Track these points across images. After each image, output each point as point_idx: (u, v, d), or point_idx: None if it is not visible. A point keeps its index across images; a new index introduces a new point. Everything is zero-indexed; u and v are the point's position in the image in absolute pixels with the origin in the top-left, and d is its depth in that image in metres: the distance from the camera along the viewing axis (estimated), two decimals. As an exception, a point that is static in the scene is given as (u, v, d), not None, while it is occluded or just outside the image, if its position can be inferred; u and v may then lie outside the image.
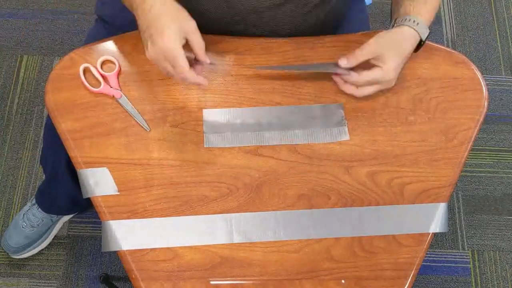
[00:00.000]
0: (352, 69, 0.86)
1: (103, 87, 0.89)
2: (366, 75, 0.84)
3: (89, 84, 0.89)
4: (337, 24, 1.06)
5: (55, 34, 1.77)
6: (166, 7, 0.79)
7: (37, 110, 1.66)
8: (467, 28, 1.87)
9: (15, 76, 1.70)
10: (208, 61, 0.83)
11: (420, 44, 0.88)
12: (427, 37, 0.87)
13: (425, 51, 0.95)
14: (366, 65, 0.86)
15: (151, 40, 0.79)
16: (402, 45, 0.85)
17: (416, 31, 0.85)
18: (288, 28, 0.95)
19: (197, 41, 0.81)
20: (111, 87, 0.89)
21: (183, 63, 0.79)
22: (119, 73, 0.91)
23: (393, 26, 0.89)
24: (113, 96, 0.89)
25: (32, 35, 1.77)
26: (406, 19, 0.86)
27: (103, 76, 0.90)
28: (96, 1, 1.14)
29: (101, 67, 0.91)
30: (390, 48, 0.84)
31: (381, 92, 0.92)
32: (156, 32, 0.78)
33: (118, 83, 0.90)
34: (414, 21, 0.85)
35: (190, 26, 0.80)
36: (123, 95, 0.89)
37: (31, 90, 1.68)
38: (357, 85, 0.87)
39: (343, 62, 0.85)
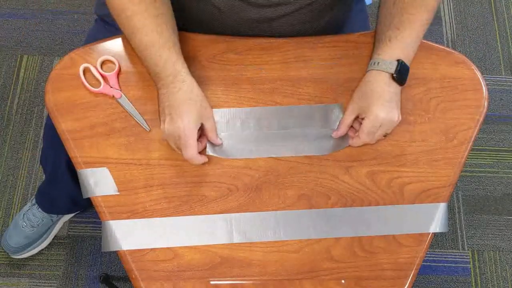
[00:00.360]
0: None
1: (103, 87, 0.89)
2: (361, 131, 0.86)
3: (89, 84, 0.89)
4: (337, 28, 1.06)
5: (55, 34, 1.77)
6: (192, 95, 0.84)
7: (37, 110, 1.66)
8: (467, 28, 1.87)
9: (15, 76, 1.70)
10: (220, 142, 0.88)
11: (398, 77, 0.87)
12: (399, 67, 0.86)
13: (425, 51, 0.95)
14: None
15: (170, 118, 0.83)
16: (374, 89, 0.86)
17: (380, 70, 0.87)
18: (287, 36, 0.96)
19: (211, 126, 0.87)
20: (111, 87, 0.89)
21: (193, 150, 0.83)
22: (119, 73, 0.91)
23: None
24: (113, 96, 0.89)
25: (32, 35, 1.77)
26: (370, 63, 0.89)
27: (103, 76, 0.90)
28: (96, 1, 1.14)
29: (101, 67, 0.91)
30: (366, 98, 0.86)
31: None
32: (176, 114, 0.82)
33: (118, 83, 0.90)
34: (375, 63, 0.88)
35: (208, 113, 0.86)
36: (123, 95, 0.89)
37: (31, 90, 1.68)
38: (364, 142, 0.88)
39: (337, 134, 0.89)
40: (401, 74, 0.86)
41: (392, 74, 0.86)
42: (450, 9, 1.90)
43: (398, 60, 0.86)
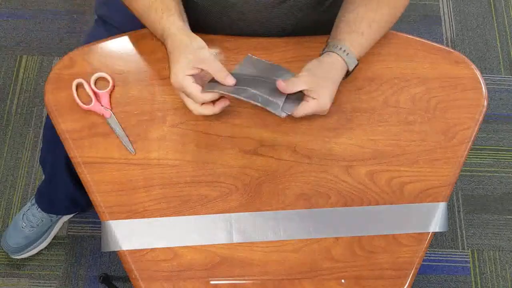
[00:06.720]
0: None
1: (93, 105, 0.88)
2: (304, 109, 0.84)
3: (80, 100, 0.88)
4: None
5: (55, 34, 1.77)
6: (176, 42, 0.81)
7: (36, 110, 1.66)
8: (467, 27, 1.87)
9: (14, 76, 1.70)
10: (232, 82, 0.81)
11: (347, 74, 0.88)
12: (354, 68, 0.87)
13: (424, 50, 0.95)
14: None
15: (170, 71, 0.81)
16: (332, 76, 0.85)
17: (344, 61, 0.86)
18: (282, 28, 0.96)
19: (213, 67, 0.80)
20: (101, 105, 0.88)
21: (193, 89, 0.80)
22: (112, 90, 0.90)
23: (324, 49, 0.89)
24: (103, 115, 0.88)
25: (32, 35, 1.77)
26: (337, 46, 0.86)
27: (95, 93, 0.89)
28: (96, 1, 1.14)
29: (95, 84, 0.90)
30: (323, 81, 0.84)
31: (381, 91, 0.92)
32: (171, 65, 0.81)
33: (110, 101, 0.89)
34: (344, 51, 0.85)
35: (200, 55, 0.80)
36: (112, 114, 0.88)
37: (30, 90, 1.68)
38: (295, 116, 0.85)
39: (281, 86, 0.82)
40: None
41: (348, 71, 0.87)
42: (450, 8, 1.90)
43: (358, 60, 0.88)
